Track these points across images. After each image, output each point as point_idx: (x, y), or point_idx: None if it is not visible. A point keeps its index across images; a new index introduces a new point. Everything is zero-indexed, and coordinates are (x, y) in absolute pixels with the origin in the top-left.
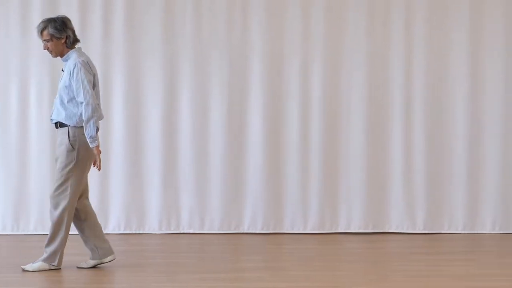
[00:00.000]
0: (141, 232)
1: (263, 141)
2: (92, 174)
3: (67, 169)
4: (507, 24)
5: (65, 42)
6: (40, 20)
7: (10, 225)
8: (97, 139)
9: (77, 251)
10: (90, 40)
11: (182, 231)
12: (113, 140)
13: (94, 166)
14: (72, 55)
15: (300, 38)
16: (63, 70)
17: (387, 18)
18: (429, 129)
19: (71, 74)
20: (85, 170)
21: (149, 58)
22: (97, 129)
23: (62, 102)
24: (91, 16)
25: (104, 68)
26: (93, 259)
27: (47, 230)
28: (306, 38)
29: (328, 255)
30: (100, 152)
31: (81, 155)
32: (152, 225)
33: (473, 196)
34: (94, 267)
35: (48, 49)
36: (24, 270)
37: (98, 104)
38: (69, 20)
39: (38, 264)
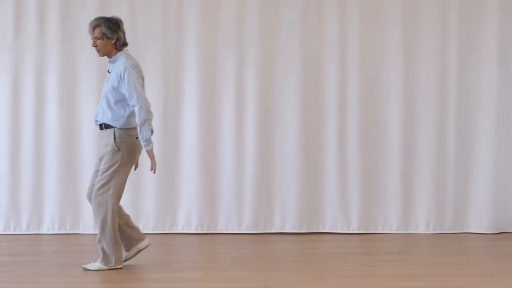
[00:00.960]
0: (75, 232)
1: (198, 140)
2: (26, 175)
3: (111, 170)
4: (443, 21)
5: (115, 43)
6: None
7: None
8: (151, 142)
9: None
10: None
11: None
12: (48, 141)
13: (151, 170)
14: (121, 58)
15: (235, 39)
16: (109, 72)
17: (321, 18)
18: (364, 129)
19: (121, 77)
20: (128, 172)
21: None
22: (152, 132)
23: (108, 104)
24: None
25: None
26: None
27: None
28: (241, 40)
29: (262, 256)
30: (154, 155)
31: (126, 157)
32: (87, 225)
33: (407, 197)
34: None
35: (96, 46)
36: (85, 269)
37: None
38: (122, 22)
39: (97, 265)
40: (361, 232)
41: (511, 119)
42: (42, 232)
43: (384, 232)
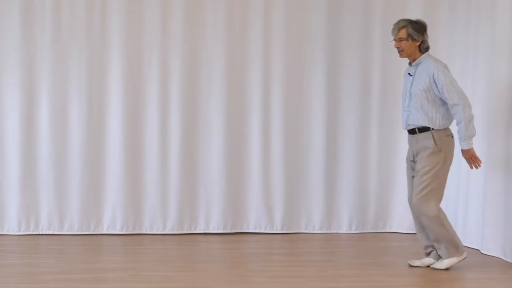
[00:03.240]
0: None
1: (123, 141)
2: None
3: (431, 173)
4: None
5: (419, 45)
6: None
7: None
8: (472, 142)
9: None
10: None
11: (41, 232)
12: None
13: (473, 167)
14: (427, 60)
15: (159, 40)
16: (410, 74)
17: (245, 20)
18: (287, 130)
19: (433, 78)
20: (448, 171)
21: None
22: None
23: (422, 107)
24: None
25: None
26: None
27: None
28: (166, 39)
29: (187, 256)
30: (474, 152)
31: (446, 157)
32: (11, 226)
33: (329, 196)
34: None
35: (399, 47)
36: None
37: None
38: (426, 25)
39: (447, 261)
40: (284, 232)
41: None
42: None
43: (307, 231)
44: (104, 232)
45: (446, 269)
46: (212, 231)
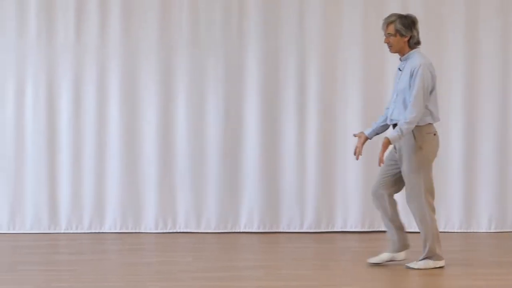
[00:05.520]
0: (137, 231)
1: (259, 141)
2: (89, 173)
3: (417, 170)
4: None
5: (408, 41)
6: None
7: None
8: (399, 139)
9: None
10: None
11: (178, 230)
12: (110, 139)
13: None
14: (414, 56)
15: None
16: (400, 69)
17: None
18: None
19: (412, 75)
20: (431, 167)
21: (144, 59)
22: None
23: (404, 103)
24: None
25: (101, 68)
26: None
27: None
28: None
29: (323, 254)
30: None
31: (428, 154)
32: (149, 224)
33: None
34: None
35: (388, 43)
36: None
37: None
38: (417, 20)
39: (423, 262)
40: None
41: None
42: (103, 231)
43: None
44: (241, 231)
45: (419, 269)
46: (350, 230)
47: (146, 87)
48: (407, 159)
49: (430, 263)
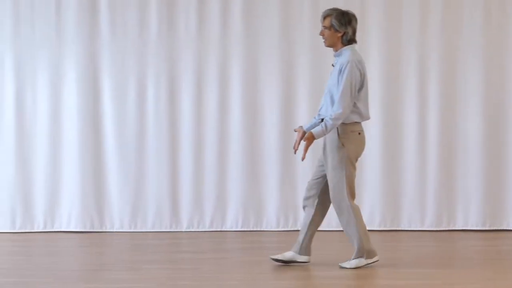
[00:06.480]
0: (258, 229)
1: (381, 140)
2: (210, 171)
3: (338, 167)
4: None
5: (342, 37)
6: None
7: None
8: (321, 137)
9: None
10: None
11: (299, 228)
12: (231, 136)
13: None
14: (346, 53)
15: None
16: (333, 65)
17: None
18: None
19: (341, 71)
20: (354, 165)
21: (266, 54)
22: (329, 131)
23: (332, 99)
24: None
25: (222, 67)
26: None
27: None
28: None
29: (444, 253)
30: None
31: (350, 152)
32: (270, 222)
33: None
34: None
35: (322, 36)
36: (341, 267)
37: (359, 109)
38: (355, 18)
39: (355, 261)
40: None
41: None
42: (225, 229)
43: None
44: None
45: (354, 268)
46: (471, 228)
47: (267, 83)
48: (330, 156)
49: (363, 261)
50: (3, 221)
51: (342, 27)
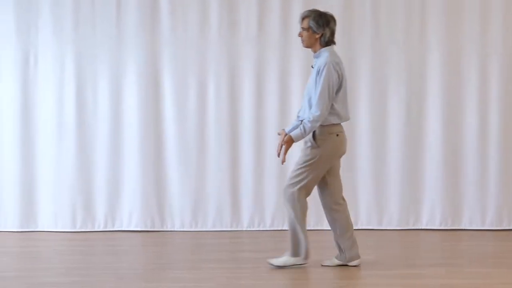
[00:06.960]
0: (319, 228)
1: (441, 138)
2: (270, 171)
3: (305, 164)
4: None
5: (320, 38)
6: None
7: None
8: (303, 138)
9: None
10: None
11: (360, 228)
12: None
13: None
14: (324, 54)
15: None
16: (312, 67)
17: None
18: None
19: (318, 73)
20: (325, 170)
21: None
22: (308, 134)
23: (309, 100)
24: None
25: (282, 67)
26: (339, 259)
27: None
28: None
29: (505, 252)
30: (289, 147)
31: (323, 154)
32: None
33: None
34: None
35: (302, 37)
36: (270, 264)
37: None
38: (333, 20)
39: (284, 259)
40: None
41: None
42: (285, 229)
43: None
44: (423, 227)
45: (281, 266)
46: None
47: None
48: (303, 151)
49: (292, 260)
50: (64, 220)
51: (320, 29)
